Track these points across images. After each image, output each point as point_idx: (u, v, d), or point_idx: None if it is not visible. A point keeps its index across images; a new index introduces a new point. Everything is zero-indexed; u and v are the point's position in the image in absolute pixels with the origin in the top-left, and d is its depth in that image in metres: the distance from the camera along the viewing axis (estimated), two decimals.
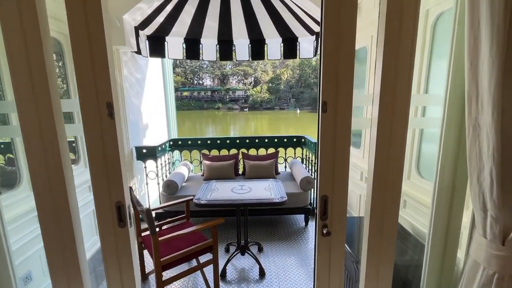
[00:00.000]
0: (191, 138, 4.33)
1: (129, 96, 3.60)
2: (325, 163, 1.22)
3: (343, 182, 1.24)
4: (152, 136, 4.36)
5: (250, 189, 2.61)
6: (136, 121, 3.82)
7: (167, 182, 3.37)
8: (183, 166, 4.00)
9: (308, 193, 3.58)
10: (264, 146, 4.39)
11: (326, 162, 1.22)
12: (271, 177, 3.99)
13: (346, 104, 1.17)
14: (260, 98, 49.16)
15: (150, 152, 3.61)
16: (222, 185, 2.77)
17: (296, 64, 51.70)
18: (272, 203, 2.29)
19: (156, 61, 4.83)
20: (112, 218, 1.22)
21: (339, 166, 1.22)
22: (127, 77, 3.56)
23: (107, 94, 1.12)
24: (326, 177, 1.23)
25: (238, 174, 4.19)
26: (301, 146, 4.38)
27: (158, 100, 4.89)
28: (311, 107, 45.03)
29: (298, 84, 50.64)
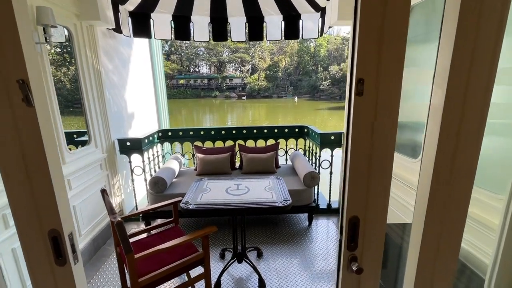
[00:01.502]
0: (182, 128, 3.92)
1: (109, 82, 3.15)
2: (356, 170, 0.83)
3: (382, 199, 0.86)
4: (140, 127, 3.93)
5: (247, 189, 2.24)
6: (119, 111, 3.39)
7: (154, 179, 2.99)
8: (173, 160, 3.62)
9: (312, 190, 3.23)
10: (263, 137, 4.00)
11: (358, 168, 0.83)
12: (271, 171, 3.63)
13: (392, 83, 0.77)
14: (258, 86, 48.25)
15: (134, 145, 3.20)
16: (215, 184, 2.40)
17: (295, 51, 50.49)
18: (274, 208, 1.92)
19: (142, 42, 4.33)
20: (45, 253, 0.83)
21: (378, 175, 0.84)
22: (105, 60, 3.09)
23: (18, 69, 0.71)
24: (358, 190, 0.85)
25: (234, 168, 3.82)
26: (304, 137, 3.99)
27: (146, 87, 4.43)
28: (309, 95, 44.32)
29: (296, 71, 49.64)
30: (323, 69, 45.55)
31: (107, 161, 3.04)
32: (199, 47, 54.29)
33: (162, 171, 3.20)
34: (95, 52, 2.82)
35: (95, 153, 2.84)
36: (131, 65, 3.82)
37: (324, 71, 44.65)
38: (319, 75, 44.58)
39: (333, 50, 47.70)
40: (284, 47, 54.06)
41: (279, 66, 49.85)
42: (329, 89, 42.13)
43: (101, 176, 2.93)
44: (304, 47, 49.96)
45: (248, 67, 55.28)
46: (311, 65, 48.36)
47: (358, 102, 0.78)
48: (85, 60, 2.69)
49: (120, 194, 3.30)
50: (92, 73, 2.79)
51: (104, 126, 3.00)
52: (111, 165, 3.13)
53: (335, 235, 3.05)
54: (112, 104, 3.23)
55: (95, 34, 2.80)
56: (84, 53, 2.67)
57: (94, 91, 2.83)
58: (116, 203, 3.25)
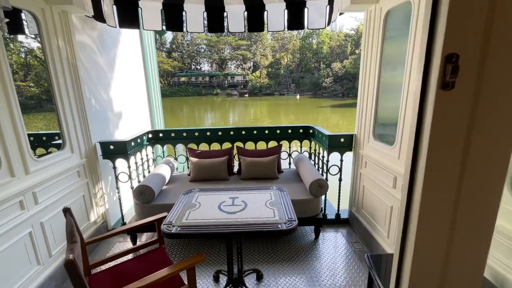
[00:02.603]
0: (175, 129, 3.55)
1: (89, 78, 2.78)
2: (433, 211, 0.45)
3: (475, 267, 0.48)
4: (129, 128, 3.57)
5: (245, 205, 1.87)
6: (102, 110, 3.02)
7: (140, 188, 2.63)
8: (164, 165, 3.25)
9: (320, 199, 2.85)
10: (264, 138, 3.62)
11: (435, 209, 0.45)
12: (273, 177, 3.26)
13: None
14: (260, 84, 47.74)
15: (119, 148, 2.84)
16: (206, 198, 2.03)
17: (297, 48, 49.87)
18: (277, 231, 1.55)
19: (132, 34, 3.95)
20: None
21: (469, 224, 0.46)
22: (85, 54, 2.73)
23: None
24: (430, 251, 0.47)
25: (232, 173, 3.45)
26: (309, 138, 3.61)
27: (137, 83, 4.06)
28: (311, 92, 43.75)
29: (298, 68, 49.03)
30: (325, 66, 44.91)
31: (86, 168, 2.68)
32: (200, 45, 53.85)
33: (150, 178, 2.84)
34: (70, 43, 2.45)
35: (71, 158, 2.48)
36: (119, 60, 3.45)
37: (327, 68, 44.02)
38: (322, 72, 43.95)
39: (336, 47, 46.99)
40: (286, 44, 53.43)
41: (281, 63, 49.25)
42: (331, 86, 41.54)
43: (79, 185, 2.57)
44: (307, 44, 49.30)
45: (249, 64, 54.72)
46: (313, 62, 47.72)
47: (443, 99, 0.40)
48: (57, 51, 2.32)
49: (104, 204, 2.94)
50: (66, 67, 2.42)
51: (83, 127, 2.64)
52: (92, 171, 2.77)
53: (345, 249, 2.69)
54: (94, 102, 2.87)
55: (69, 21, 2.43)
56: (55, 43, 2.30)
57: (70, 88, 2.47)
58: (99, 214, 2.90)
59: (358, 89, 2.78)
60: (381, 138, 2.46)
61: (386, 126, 2.44)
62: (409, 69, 1.95)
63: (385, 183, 2.33)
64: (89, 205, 2.72)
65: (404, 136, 2.03)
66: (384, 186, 2.34)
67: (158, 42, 54.00)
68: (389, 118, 2.39)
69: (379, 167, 2.43)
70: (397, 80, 2.19)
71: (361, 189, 2.85)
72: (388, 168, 2.27)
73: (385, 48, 2.32)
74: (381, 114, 2.46)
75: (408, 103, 1.97)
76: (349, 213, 3.15)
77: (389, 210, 2.26)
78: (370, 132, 2.58)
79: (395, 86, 2.24)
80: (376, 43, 2.39)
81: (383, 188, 2.36)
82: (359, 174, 2.85)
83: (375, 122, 2.52)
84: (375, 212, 2.55)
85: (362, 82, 2.68)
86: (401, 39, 2.13)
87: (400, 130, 2.08)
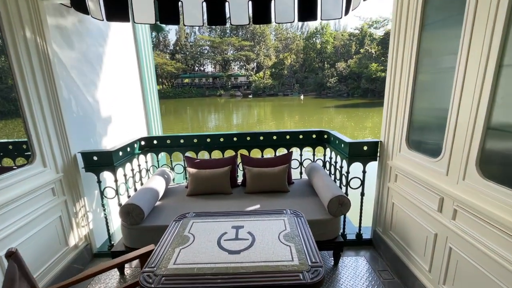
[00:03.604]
0: (171, 135, 3.13)
1: (69, 77, 2.38)
2: None
3: None
4: (120, 134, 3.17)
5: (252, 239, 1.43)
6: (86, 114, 2.62)
7: (126, 207, 2.21)
8: (157, 177, 2.83)
9: (339, 219, 2.41)
10: (271, 145, 3.18)
11: None
12: (283, 190, 2.82)
13: None
14: (263, 84, 47.30)
15: (104, 159, 2.43)
16: (203, 228, 1.59)
17: (300, 48, 49.36)
18: (298, 286, 1.11)
19: (124, 30, 3.56)
20: None
21: None
22: (64, 50, 2.33)
23: None
24: None
25: (236, 185, 3.02)
26: (323, 145, 3.16)
27: (131, 85, 3.66)
28: (315, 92, 43.15)
29: (302, 69, 48.48)
30: (329, 66, 44.31)
31: (64, 183, 2.27)
32: (203, 46, 53.71)
33: (139, 194, 2.42)
34: (41, 35, 2.05)
35: (43, 174, 2.08)
36: (108, 57, 3.05)
37: (331, 68, 43.39)
38: (326, 72, 43.33)
39: (340, 47, 46.35)
40: (289, 44, 52.99)
41: (284, 64, 48.76)
42: (336, 86, 40.88)
43: (54, 204, 2.16)
44: (310, 43, 48.76)
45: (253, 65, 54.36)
46: (317, 62, 47.11)
47: None
48: (23, 44, 1.92)
49: (87, 224, 2.53)
50: (36, 62, 2.02)
51: (60, 135, 2.23)
52: (72, 187, 2.37)
53: (371, 280, 2.23)
54: (75, 105, 2.46)
55: (40, 10, 2.03)
56: (21, 34, 1.90)
57: (42, 87, 2.07)
58: (81, 236, 2.49)
59: (385, 88, 2.33)
60: (419, 147, 2.01)
61: (426, 132, 1.99)
62: (464, 62, 1.50)
63: (425, 203, 1.88)
64: (67, 227, 2.32)
65: (457, 145, 1.58)
66: (424, 207, 1.89)
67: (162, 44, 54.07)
68: (430, 123, 1.94)
69: (415, 183, 1.98)
70: (443, 76, 1.74)
71: (389, 207, 2.39)
72: (430, 186, 1.81)
73: (424, 36, 1.87)
74: (418, 117, 2.00)
75: (463, 103, 1.52)
76: (373, 233, 2.69)
77: (432, 238, 1.80)
78: (402, 139, 2.13)
79: (440, 84, 1.79)
80: (411, 31, 1.94)
81: (422, 210, 1.91)
82: (387, 189, 2.40)
83: (410, 128, 2.06)
84: (410, 237, 2.10)
85: (390, 80, 2.23)
86: (450, 24, 1.68)
87: (450, 138, 1.62)
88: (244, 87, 50.50)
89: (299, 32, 58.61)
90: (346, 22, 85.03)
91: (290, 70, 48.92)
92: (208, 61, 56.26)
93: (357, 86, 38.52)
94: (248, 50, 51.40)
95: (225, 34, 54.54)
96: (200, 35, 54.57)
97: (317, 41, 49.06)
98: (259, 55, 52.32)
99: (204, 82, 52.63)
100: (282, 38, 55.43)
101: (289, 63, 49.42)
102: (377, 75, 35.36)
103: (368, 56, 39.58)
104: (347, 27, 56.05)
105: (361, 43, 43.61)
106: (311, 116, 22.49)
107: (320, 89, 43.28)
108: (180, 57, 54.27)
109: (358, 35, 44.88)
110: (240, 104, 35.85)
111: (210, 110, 30.78)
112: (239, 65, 55.85)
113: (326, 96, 40.77)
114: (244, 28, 53.22)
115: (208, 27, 56.02)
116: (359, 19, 60.70)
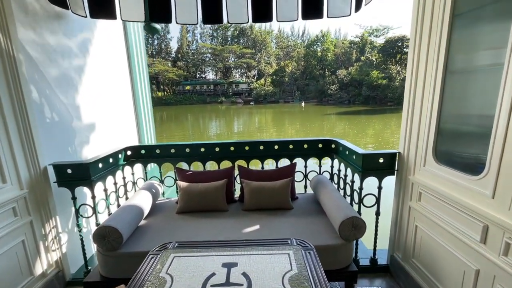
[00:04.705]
0: (161, 144, 2.81)
1: (37, 77, 2.08)
2: None
3: None
4: (106, 143, 2.86)
5: (248, 284, 1.09)
6: (63, 120, 2.32)
7: (101, 230, 1.87)
8: (144, 192, 2.50)
9: (352, 244, 2.05)
10: (272, 155, 2.85)
11: None
12: (285, 207, 2.48)
13: None
14: (264, 92, 47.28)
15: (79, 172, 2.10)
16: (185, 266, 1.25)
17: (301, 56, 49.54)
18: None
19: (114, 30, 3.29)
20: None
21: None
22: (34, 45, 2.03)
23: None
24: None
25: (232, 201, 2.68)
26: (331, 155, 2.82)
27: (120, 90, 3.37)
28: (316, 99, 43.01)
29: (303, 76, 48.51)
30: (330, 73, 44.32)
31: (29, 201, 1.94)
32: (205, 53, 54.05)
33: (119, 213, 2.08)
34: (4, 30, 1.76)
35: (1, 191, 1.75)
36: (93, 59, 2.76)
37: (332, 75, 43.39)
38: (327, 80, 43.31)
39: (341, 54, 46.46)
40: (290, 52, 53.28)
41: (285, 71, 48.83)
42: (337, 93, 40.74)
43: (15, 226, 1.83)
44: (311, 51, 48.98)
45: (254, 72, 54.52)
46: (318, 69, 47.16)
47: None
48: None
49: (59, 248, 2.19)
50: None
51: (26, 144, 1.92)
52: (41, 205, 2.03)
53: None
54: (48, 109, 2.16)
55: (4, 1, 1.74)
56: None
57: (2, 89, 1.76)
58: (51, 262, 2.14)
59: (405, 92, 2.02)
60: (450, 160, 1.67)
61: (461, 143, 1.66)
62: None
63: (462, 231, 1.53)
64: (33, 253, 1.97)
65: (508, 161, 1.24)
66: (460, 235, 1.54)
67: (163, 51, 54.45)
68: (466, 132, 1.61)
69: (447, 204, 1.64)
70: (485, 76, 1.43)
71: (410, 229, 2.04)
72: (468, 210, 1.47)
73: (457, 28, 1.56)
74: (449, 125, 1.67)
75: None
76: (390, 258, 2.33)
77: (473, 275, 1.45)
78: (428, 151, 1.80)
79: (479, 84, 1.47)
80: (438, 23, 1.63)
81: (457, 238, 1.56)
82: (408, 209, 2.05)
83: (437, 136, 1.73)
84: (440, 269, 1.74)
85: (411, 82, 1.91)
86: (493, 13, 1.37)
87: (497, 152, 1.29)
88: (245, 94, 50.51)
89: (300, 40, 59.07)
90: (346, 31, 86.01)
91: (291, 77, 48.97)
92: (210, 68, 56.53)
93: (358, 93, 38.40)
94: (249, 58, 51.63)
95: (226, 42, 54.96)
96: (202, 43, 55.01)
97: (318, 49, 49.28)
98: (260, 63, 52.50)
99: (205, 89, 52.70)
100: (283, 46, 55.76)
101: (290, 71, 49.52)
102: (378, 82, 35.26)
103: (369, 64, 39.59)
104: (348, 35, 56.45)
105: (362, 51, 43.72)
106: (312, 123, 22.21)
107: (321, 96, 43.19)
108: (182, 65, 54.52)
109: (359, 43, 45.06)
110: (241, 111, 35.69)
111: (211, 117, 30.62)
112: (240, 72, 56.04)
113: (327, 103, 40.61)
114: (246, 35, 53.68)
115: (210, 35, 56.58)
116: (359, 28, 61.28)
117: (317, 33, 51.65)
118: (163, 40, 55.10)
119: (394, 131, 16.91)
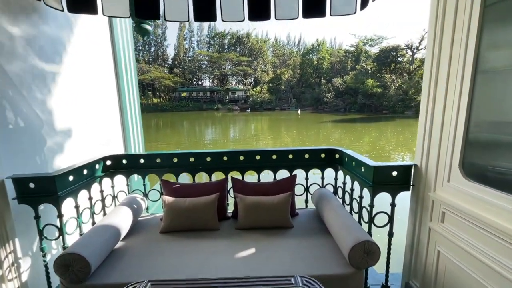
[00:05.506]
0: (145, 154, 2.52)
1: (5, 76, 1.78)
2: None
3: None
4: (85, 152, 2.55)
5: None
6: (31, 125, 2.01)
7: (63, 258, 1.55)
8: (123, 208, 2.18)
9: (363, 272, 1.76)
10: (270, 166, 2.57)
11: None
12: (285, 225, 2.19)
13: None
14: (261, 99, 47.28)
15: (44, 186, 1.79)
16: None
17: (297, 64, 49.89)
18: None
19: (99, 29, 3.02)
20: None
21: None
22: None
23: None
24: None
25: (225, 217, 2.38)
26: (335, 166, 2.55)
27: (103, 94, 3.07)
28: (312, 107, 43.07)
29: (299, 84, 48.72)
30: (326, 82, 44.60)
31: None
32: (202, 61, 54.11)
33: (88, 237, 1.76)
34: None
35: None
36: (71, 59, 2.48)
37: (328, 84, 43.65)
38: (323, 88, 43.53)
39: (336, 63, 46.91)
40: (286, 60, 53.72)
41: (281, 79, 49.02)
42: (333, 101, 40.89)
43: None
44: (307, 59, 49.42)
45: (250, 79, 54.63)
46: (314, 77, 47.44)
47: None
48: None
49: (17, 276, 1.84)
50: None
51: None
52: None
53: None
54: (10, 114, 1.85)
55: None
56: None
57: None
58: None
59: (422, 97, 1.77)
60: (482, 176, 1.41)
61: (497, 156, 1.40)
62: None
63: (498, 260, 1.26)
64: None
65: None
66: (495, 265, 1.26)
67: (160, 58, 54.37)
68: (505, 143, 1.35)
69: (480, 228, 1.37)
70: None
71: (431, 255, 1.76)
72: (507, 236, 1.20)
73: (489, 21, 1.32)
74: (481, 134, 1.42)
75: None
76: (405, 286, 2.03)
77: None
78: (454, 164, 1.53)
79: None
80: (465, 15, 1.40)
81: (492, 269, 1.28)
82: (427, 230, 1.77)
83: (465, 147, 1.47)
84: None
85: (429, 85, 1.67)
86: None
87: None
88: (241, 101, 50.45)
89: (296, 48, 59.67)
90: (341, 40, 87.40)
91: (287, 85, 49.17)
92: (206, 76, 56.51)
93: (354, 101, 38.58)
94: (246, 65, 51.80)
95: (223, 50, 55.20)
96: (199, 50, 55.14)
97: (314, 57, 49.75)
98: (257, 70, 52.67)
99: (201, 96, 52.52)
100: (279, 54, 56.21)
101: (286, 78, 49.77)
102: (373, 90, 35.49)
103: (364, 72, 39.96)
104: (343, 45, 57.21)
105: (357, 60, 44.21)
106: (309, 131, 22.05)
107: (317, 104, 43.31)
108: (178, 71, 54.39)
109: (354, 52, 45.61)
110: (237, 118, 35.47)
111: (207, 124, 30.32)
112: (237, 80, 56.11)
113: (323, 111, 40.67)
114: (242, 44, 54.00)
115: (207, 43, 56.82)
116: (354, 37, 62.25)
117: (313, 42, 52.32)
118: (160, 47, 55.17)
119: (389, 139, 16.83)
